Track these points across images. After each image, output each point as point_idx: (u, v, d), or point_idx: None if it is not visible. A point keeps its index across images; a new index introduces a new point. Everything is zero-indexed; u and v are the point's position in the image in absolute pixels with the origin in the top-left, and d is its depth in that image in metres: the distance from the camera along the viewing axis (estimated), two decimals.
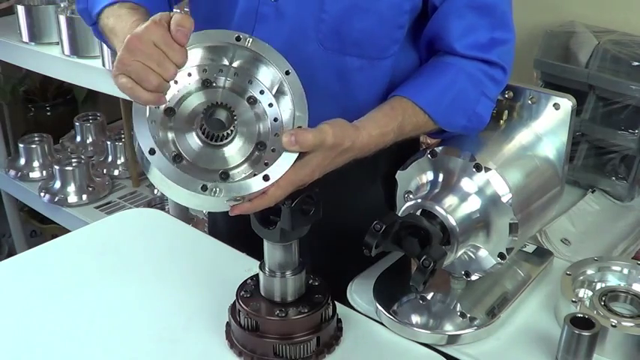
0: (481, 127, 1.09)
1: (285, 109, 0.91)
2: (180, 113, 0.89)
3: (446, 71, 1.06)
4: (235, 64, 0.92)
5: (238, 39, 0.90)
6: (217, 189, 0.83)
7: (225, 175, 0.87)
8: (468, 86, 1.06)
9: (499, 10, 1.05)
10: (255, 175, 0.86)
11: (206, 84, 0.91)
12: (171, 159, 0.85)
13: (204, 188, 0.82)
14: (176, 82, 0.89)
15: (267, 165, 0.87)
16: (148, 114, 0.85)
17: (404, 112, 1.02)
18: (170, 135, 0.88)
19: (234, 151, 0.89)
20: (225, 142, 0.88)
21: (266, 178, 0.85)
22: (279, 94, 0.92)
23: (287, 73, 0.91)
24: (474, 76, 1.05)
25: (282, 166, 0.87)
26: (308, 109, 0.90)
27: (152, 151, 0.83)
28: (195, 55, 0.91)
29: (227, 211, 0.90)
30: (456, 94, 1.06)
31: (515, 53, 1.10)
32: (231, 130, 0.88)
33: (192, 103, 0.90)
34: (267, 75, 0.92)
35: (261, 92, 0.92)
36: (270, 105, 0.92)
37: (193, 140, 0.88)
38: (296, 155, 0.87)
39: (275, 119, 0.92)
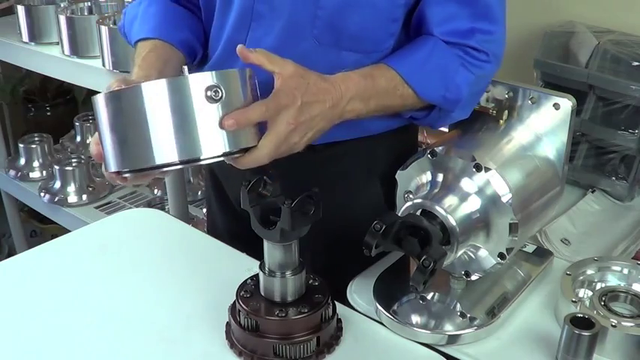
0: (459, 100, 1.06)
1: None
2: None
3: (425, 43, 1.05)
4: None
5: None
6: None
7: None
8: (446, 56, 1.04)
9: (482, 2, 1.04)
10: None
11: None
12: None
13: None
14: None
15: None
16: None
17: (378, 68, 1.03)
18: None
19: None
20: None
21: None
22: None
23: None
24: (453, 50, 1.05)
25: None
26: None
27: None
28: None
29: (226, 212, 0.89)
30: (435, 64, 1.04)
31: (515, 53, 1.09)
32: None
33: None
34: None
35: None
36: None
37: None
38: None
39: None
